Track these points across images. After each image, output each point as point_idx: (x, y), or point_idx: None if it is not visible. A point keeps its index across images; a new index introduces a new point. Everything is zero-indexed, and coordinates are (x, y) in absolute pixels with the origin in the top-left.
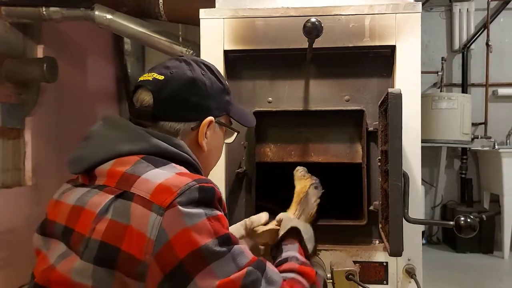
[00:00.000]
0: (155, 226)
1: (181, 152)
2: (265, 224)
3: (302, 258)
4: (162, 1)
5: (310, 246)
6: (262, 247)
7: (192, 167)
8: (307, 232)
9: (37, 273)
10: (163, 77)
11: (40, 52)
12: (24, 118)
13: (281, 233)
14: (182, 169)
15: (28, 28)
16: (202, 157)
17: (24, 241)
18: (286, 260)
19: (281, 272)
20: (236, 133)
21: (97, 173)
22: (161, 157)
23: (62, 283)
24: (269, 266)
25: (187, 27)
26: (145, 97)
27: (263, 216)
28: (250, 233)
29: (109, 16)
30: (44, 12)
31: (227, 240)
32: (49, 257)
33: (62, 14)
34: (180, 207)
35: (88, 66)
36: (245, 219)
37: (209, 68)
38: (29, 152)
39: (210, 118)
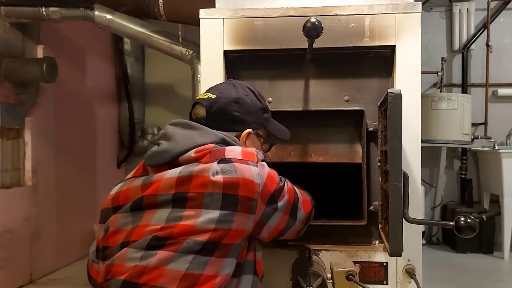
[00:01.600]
0: (257, 174)
1: (236, 144)
2: None
3: None
4: (162, 1)
5: None
6: None
7: None
8: None
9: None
10: (214, 96)
11: (39, 52)
12: (24, 118)
13: None
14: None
15: (28, 28)
16: None
17: (23, 241)
18: None
19: None
20: (271, 145)
21: (181, 161)
22: (227, 145)
23: (186, 232)
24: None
25: (187, 27)
26: (200, 111)
27: None
28: None
29: (108, 16)
30: (44, 12)
31: (290, 190)
32: (151, 221)
33: (62, 14)
34: (261, 163)
35: (88, 66)
36: None
37: (252, 91)
38: (29, 152)
39: (249, 130)
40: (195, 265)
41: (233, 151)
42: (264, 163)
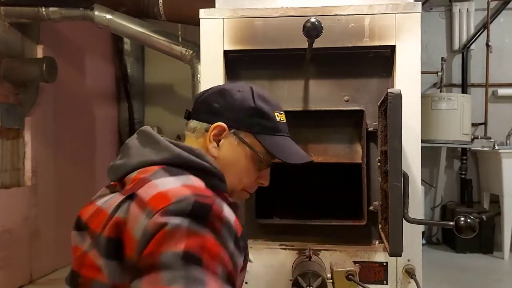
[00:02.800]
0: (141, 228)
1: (201, 161)
2: None
3: None
4: (161, 1)
5: None
6: None
7: (213, 176)
8: None
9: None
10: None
11: (39, 52)
12: (23, 118)
13: None
14: (195, 181)
15: (27, 28)
16: (220, 164)
17: (22, 241)
18: None
19: None
20: (259, 158)
21: (126, 180)
22: (183, 167)
23: (91, 272)
24: None
25: (186, 27)
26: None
27: None
28: None
29: (108, 16)
30: (43, 12)
31: (195, 261)
32: (84, 246)
33: (61, 14)
34: (165, 215)
35: (87, 66)
36: None
37: (253, 91)
38: (29, 152)
39: (219, 123)
40: None
41: (152, 188)
42: (179, 220)
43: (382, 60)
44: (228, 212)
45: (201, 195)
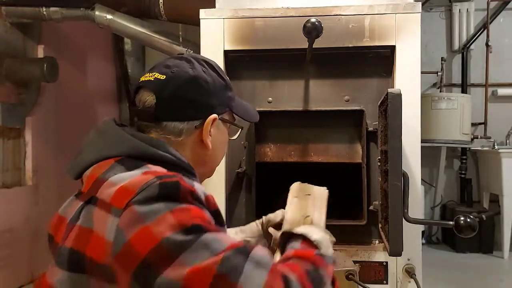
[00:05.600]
0: (113, 228)
1: (163, 153)
2: (281, 221)
3: (303, 245)
4: (162, 1)
5: (316, 237)
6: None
7: (175, 166)
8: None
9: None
10: (164, 76)
11: (40, 52)
12: (24, 118)
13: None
14: (155, 169)
15: (28, 28)
16: (208, 155)
17: (23, 241)
18: (284, 252)
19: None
20: (240, 129)
21: (83, 179)
22: (142, 159)
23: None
24: (258, 250)
25: (187, 27)
26: (147, 98)
27: (279, 214)
28: (266, 231)
29: (109, 16)
30: (44, 12)
31: (196, 229)
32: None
33: (62, 14)
34: (135, 206)
35: (88, 66)
36: (263, 217)
37: (210, 65)
38: (30, 152)
39: (214, 116)
40: None
41: (113, 186)
42: (153, 206)
43: (382, 60)
44: (199, 188)
45: (165, 176)
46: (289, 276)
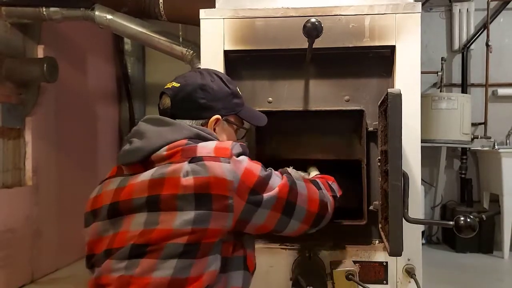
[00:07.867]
0: (229, 170)
1: (213, 138)
2: None
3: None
4: (162, 1)
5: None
6: None
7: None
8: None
9: (98, 250)
10: (179, 84)
11: (40, 52)
12: (25, 118)
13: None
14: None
15: (28, 28)
16: None
17: (24, 241)
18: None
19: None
20: (245, 131)
21: (154, 159)
22: (199, 138)
23: (164, 237)
24: (292, 173)
25: (187, 27)
26: (166, 101)
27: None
28: None
29: (109, 16)
30: (44, 13)
31: (264, 167)
32: (130, 227)
33: (62, 14)
34: (234, 157)
35: (88, 66)
36: (299, 172)
37: (219, 77)
38: (30, 152)
39: (217, 116)
40: (180, 270)
41: (206, 148)
42: (242, 157)
43: (382, 60)
44: None
45: (236, 142)
46: (317, 180)
